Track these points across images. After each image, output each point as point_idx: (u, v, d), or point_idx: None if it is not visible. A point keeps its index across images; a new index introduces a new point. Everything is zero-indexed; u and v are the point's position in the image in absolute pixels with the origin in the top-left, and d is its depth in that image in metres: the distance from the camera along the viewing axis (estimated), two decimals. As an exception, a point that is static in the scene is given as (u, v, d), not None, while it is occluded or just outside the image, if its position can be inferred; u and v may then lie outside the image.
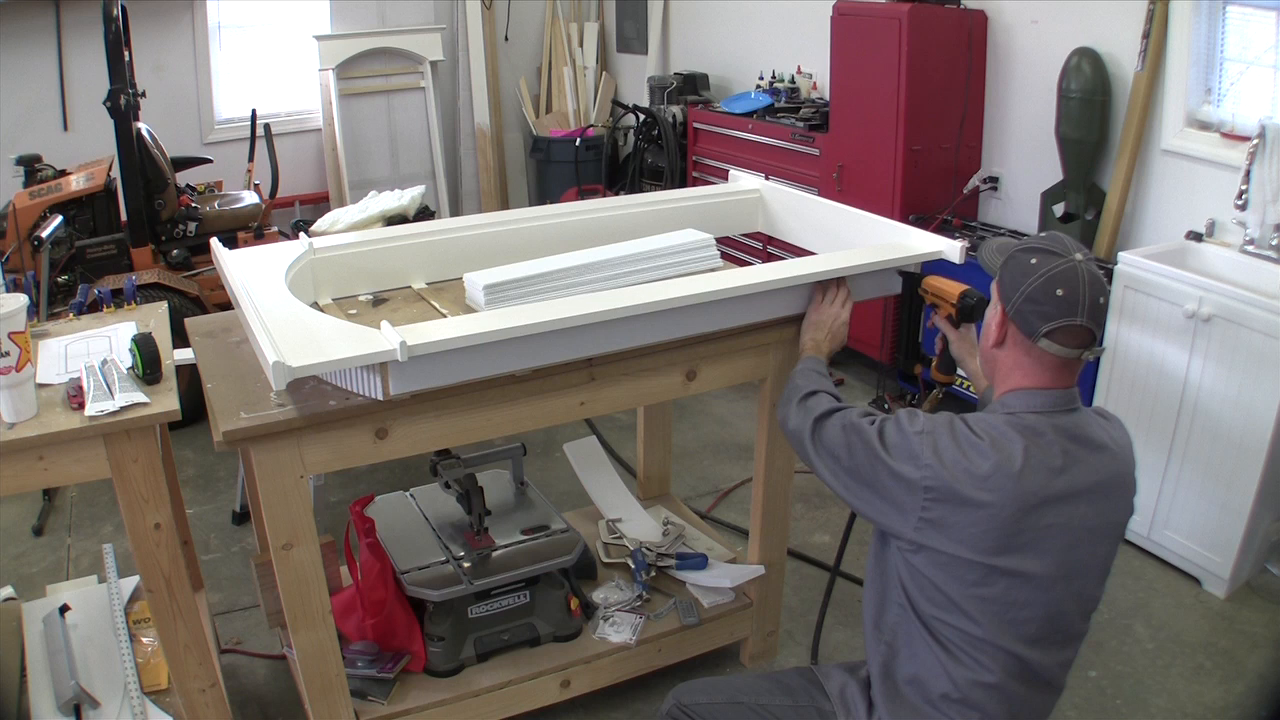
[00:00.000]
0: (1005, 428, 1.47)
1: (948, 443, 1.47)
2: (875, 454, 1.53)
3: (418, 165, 5.87)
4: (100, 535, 3.19)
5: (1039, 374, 1.51)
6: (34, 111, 4.87)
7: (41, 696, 2.06)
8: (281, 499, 1.82)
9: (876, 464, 1.52)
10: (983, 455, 1.44)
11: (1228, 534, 2.76)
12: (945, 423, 1.51)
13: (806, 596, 2.89)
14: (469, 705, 2.21)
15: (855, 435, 1.58)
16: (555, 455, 3.33)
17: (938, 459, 1.46)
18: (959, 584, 1.47)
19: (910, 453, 1.49)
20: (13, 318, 1.69)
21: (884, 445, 1.53)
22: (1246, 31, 3.08)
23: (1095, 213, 3.48)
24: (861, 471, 1.56)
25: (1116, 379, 3.02)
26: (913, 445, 1.49)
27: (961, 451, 1.46)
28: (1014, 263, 1.52)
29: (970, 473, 1.44)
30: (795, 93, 4.68)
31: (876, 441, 1.54)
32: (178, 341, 2.09)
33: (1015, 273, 1.51)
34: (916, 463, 1.47)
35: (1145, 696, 2.47)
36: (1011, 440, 1.45)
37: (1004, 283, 1.53)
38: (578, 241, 2.40)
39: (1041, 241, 1.53)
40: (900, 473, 1.49)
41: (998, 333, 1.54)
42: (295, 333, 1.70)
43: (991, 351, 1.57)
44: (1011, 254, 1.53)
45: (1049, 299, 1.46)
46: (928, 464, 1.46)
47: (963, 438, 1.47)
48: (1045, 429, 1.48)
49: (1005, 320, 1.53)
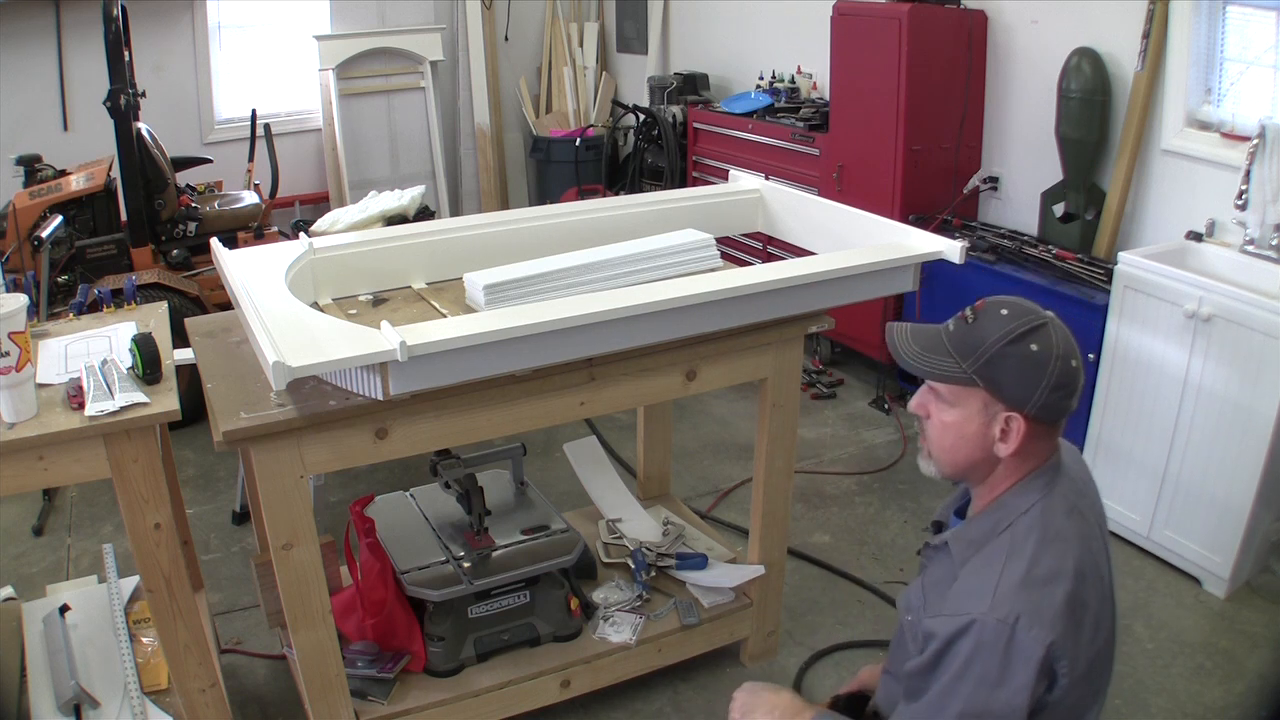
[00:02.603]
0: (1046, 533, 1.34)
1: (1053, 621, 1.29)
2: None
3: (418, 165, 5.87)
4: (100, 535, 3.19)
5: (1047, 448, 1.40)
6: (34, 111, 4.87)
7: (41, 696, 2.06)
8: (281, 499, 1.82)
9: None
10: (1055, 584, 1.31)
11: (1228, 534, 2.75)
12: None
13: (806, 596, 2.89)
14: (469, 705, 2.21)
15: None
16: (555, 455, 3.33)
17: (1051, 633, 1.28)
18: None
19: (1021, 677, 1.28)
20: (13, 318, 1.69)
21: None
22: (1246, 31, 3.08)
23: (1095, 213, 3.48)
24: None
25: (1116, 379, 3.02)
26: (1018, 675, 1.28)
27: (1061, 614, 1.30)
28: (1011, 361, 1.34)
29: (1054, 605, 1.29)
30: (795, 93, 4.68)
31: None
32: (178, 341, 2.09)
33: (1020, 370, 1.33)
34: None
35: (1145, 696, 2.47)
36: (1054, 543, 1.34)
37: (1006, 387, 1.34)
38: (578, 241, 2.40)
39: (1015, 318, 1.35)
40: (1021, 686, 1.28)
41: (1017, 442, 1.36)
42: (295, 333, 1.70)
43: (998, 461, 1.39)
44: (996, 352, 1.34)
45: (1070, 376, 1.34)
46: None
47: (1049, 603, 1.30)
48: (1057, 516, 1.37)
49: (1026, 424, 1.35)
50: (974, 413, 1.38)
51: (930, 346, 1.41)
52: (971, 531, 1.43)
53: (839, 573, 2.98)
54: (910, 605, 1.54)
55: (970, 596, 1.33)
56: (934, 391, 1.43)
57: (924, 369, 1.41)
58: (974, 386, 1.37)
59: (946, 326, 1.42)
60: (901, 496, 3.42)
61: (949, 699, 1.30)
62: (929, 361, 1.40)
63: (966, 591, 1.35)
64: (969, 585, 1.36)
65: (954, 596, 1.37)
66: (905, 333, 1.46)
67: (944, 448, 1.43)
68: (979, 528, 1.42)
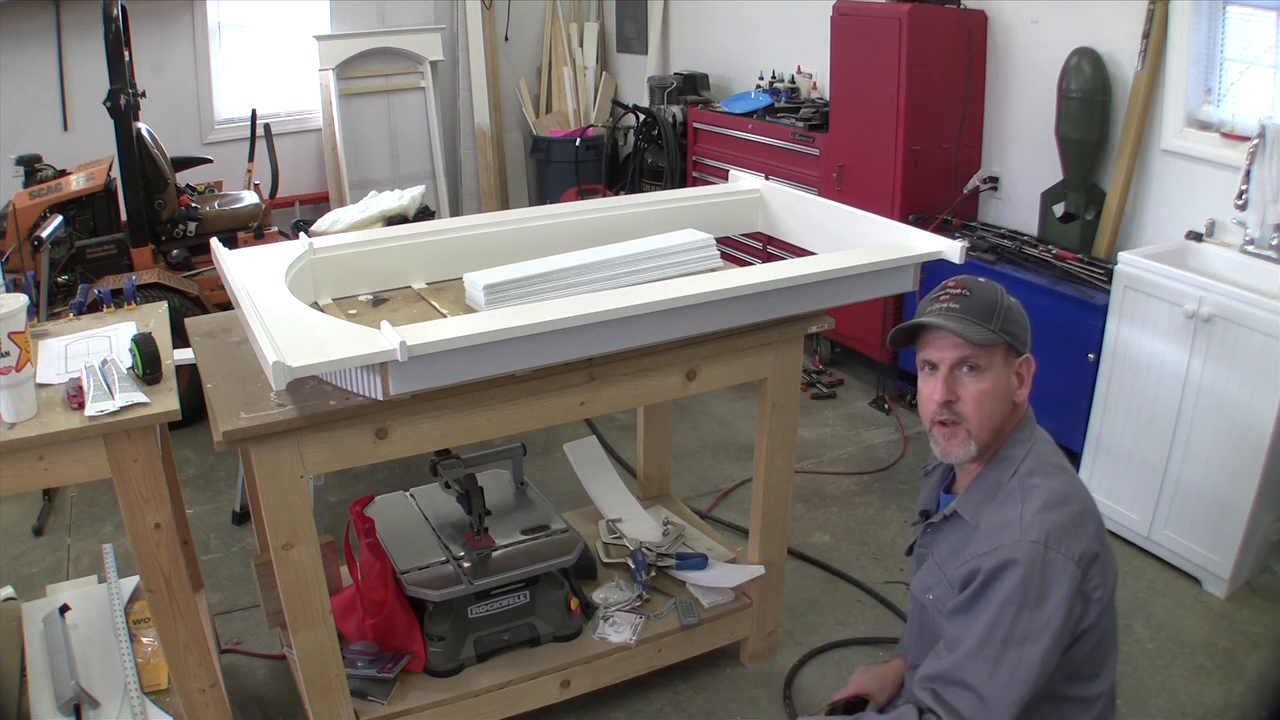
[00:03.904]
0: (1046, 467, 1.53)
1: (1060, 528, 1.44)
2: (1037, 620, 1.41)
3: (418, 165, 5.87)
4: (100, 535, 3.19)
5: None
6: (34, 111, 4.87)
7: (41, 696, 2.06)
8: (281, 499, 1.82)
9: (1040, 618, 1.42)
10: (1069, 500, 1.48)
11: (1228, 534, 2.75)
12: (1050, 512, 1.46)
13: (806, 596, 2.89)
14: (469, 705, 2.21)
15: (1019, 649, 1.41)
16: (555, 455, 3.33)
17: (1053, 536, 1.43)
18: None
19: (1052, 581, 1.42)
20: (13, 318, 1.69)
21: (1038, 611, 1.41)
22: (1246, 31, 3.08)
23: (1095, 213, 3.48)
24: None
25: (1116, 379, 3.02)
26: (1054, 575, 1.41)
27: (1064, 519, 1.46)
28: (1015, 312, 1.56)
29: (1072, 518, 1.46)
30: (795, 93, 4.68)
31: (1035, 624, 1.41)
32: (178, 341, 2.09)
33: (1019, 317, 1.56)
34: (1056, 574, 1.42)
35: (1145, 696, 2.47)
36: (1056, 473, 1.53)
37: (1018, 335, 1.55)
38: (578, 241, 2.40)
39: (988, 282, 1.59)
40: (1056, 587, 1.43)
41: (1030, 381, 1.58)
42: (295, 333, 1.70)
43: (1012, 412, 1.58)
44: (1005, 307, 1.55)
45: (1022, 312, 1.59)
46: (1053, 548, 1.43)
47: (1059, 512, 1.46)
48: (1049, 454, 1.57)
49: (1029, 363, 1.57)
50: (999, 368, 1.53)
51: (959, 323, 1.52)
52: (978, 491, 1.56)
53: (838, 573, 2.98)
54: (927, 585, 1.61)
55: (1000, 531, 1.46)
56: (959, 370, 1.54)
57: (972, 337, 1.51)
58: (997, 345, 1.52)
59: (948, 306, 1.53)
60: (901, 496, 3.42)
61: (994, 627, 1.40)
62: (971, 333, 1.51)
63: (995, 528, 1.47)
64: (995, 523, 1.48)
65: (983, 537, 1.48)
66: (939, 318, 1.54)
67: (984, 415, 1.53)
68: (984, 484, 1.55)
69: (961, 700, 1.41)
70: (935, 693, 1.44)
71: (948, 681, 1.43)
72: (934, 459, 1.67)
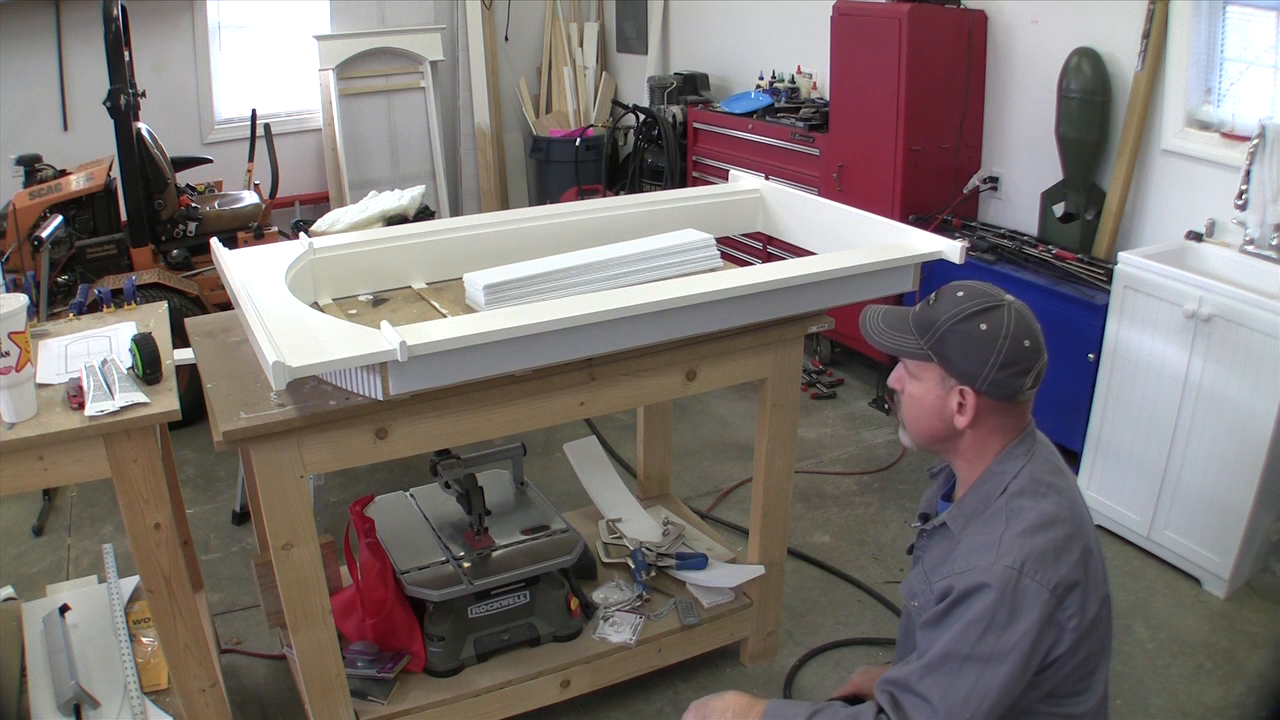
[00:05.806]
0: (1037, 487, 1.46)
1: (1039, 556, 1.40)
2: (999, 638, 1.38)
3: (418, 165, 5.87)
4: (100, 535, 3.19)
5: (1018, 424, 1.50)
6: (34, 111, 4.87)
7: (41, 696, 2.06)
8: (281, 499, 1.82)
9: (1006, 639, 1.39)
10: (1055, 524, 1.42)
11: (1228, 534, 2.75)
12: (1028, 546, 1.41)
13: (806, 596, 2.89)
14: (469, 705, 2.21)
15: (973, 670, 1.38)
16: (555, 455, 3.33)
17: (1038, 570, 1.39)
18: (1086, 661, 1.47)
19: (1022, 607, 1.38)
20: (13, 318, 1.69)
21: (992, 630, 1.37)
22: (1246, 31, 3.08)
23: (1095, 213, 3.48)
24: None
25: (1116, 379, 3.02)
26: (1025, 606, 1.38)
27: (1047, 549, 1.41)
28: (959, 337, 1.44)
29: (1056, 546, 1.40)
30: (795, 93, 4.68)
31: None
32: (178, 341, 2.09)
33: (968, 347, 1.44)
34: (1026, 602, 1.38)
35: (1145, 696, 2.47)
36: (1047, 494, 1.46)
37: (955, 363, 1.45)
38: (578, 241, 2.40)
39: (970, 299, 1.46)
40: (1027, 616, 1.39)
41: (971, 415, 1.46)
42: (295, 333, 1.70)
43: (960, 433, 1.50)
44: (947, 329, 1.45)
45: (1021, 355, 1.43)
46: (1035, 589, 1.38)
47: (1042, 539, 1.41)
48: (1043, 474, 1.48)
49: (977, 398, 1.45)
50: (932, 386, 1.50)
51: (896, 325, 1.53)
52: (967, 505, 1.53)
53: (838, 573, 2.98)
54: (914, 591, 1.61)
55: (978, 552, 1.43)
56: (906, 368, 1.55)
57: (886, 345, 1.54)
58: (930, 361, 1.48)
59: (914, 308, 1.54)
60: (901, 496, 3.42)
61: (958, 643, 1.39)
62: (891, 338, 1.53)
63: (974, 549, 1.45)
64: (975, 544, 1.46)
65: (962, 555, 1.46)
66: (877, 315, 1.57)
67: (911, 418, 1.56)
68: (974, 499, 1.52)
69: (916, 709, 1.40)
70: (893, 697, 1.44)
71: (906, 689, 1.43)
72: (939, 459, 1.68)
